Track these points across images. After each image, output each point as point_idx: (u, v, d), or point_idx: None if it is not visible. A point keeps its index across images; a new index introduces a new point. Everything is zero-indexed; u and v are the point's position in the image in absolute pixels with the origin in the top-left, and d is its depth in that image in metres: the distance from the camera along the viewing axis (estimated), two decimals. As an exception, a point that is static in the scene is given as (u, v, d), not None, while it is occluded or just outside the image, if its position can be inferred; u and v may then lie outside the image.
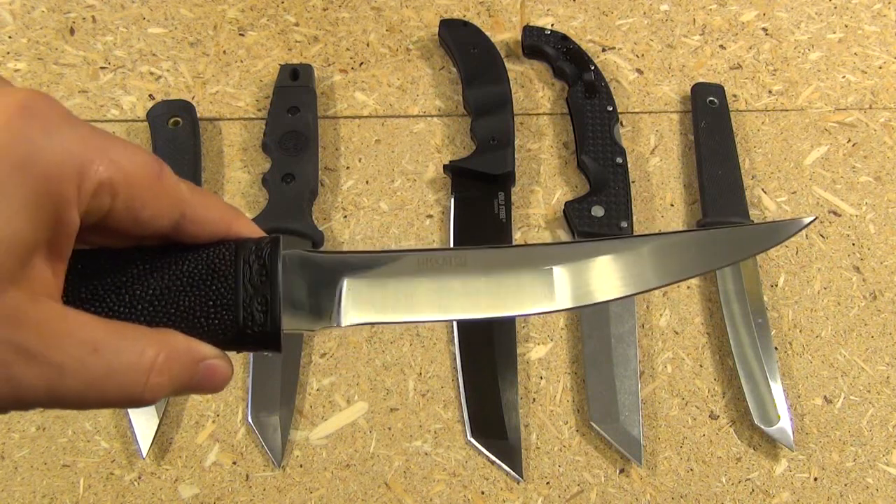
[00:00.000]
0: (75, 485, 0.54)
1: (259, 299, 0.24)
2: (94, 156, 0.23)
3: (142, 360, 0.23)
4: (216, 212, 0.26)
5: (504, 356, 0.58)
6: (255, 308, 0.24)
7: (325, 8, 0.76)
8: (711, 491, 0.55)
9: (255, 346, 0.25)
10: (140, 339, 0.23)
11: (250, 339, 0.25)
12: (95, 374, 0.22)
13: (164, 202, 0.24)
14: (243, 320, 0.24)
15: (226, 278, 0.24)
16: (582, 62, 0.71)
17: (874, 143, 0.70)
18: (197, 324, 0.24)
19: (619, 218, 0.63)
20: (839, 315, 0.62)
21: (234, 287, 0.24)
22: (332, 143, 0.68)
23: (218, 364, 0.25)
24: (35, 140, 0.22)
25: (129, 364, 0.22)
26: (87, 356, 0.21)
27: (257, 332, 0.24)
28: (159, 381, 0.23)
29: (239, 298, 0.24)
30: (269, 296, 0.24)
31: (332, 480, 0.55)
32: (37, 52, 0.72)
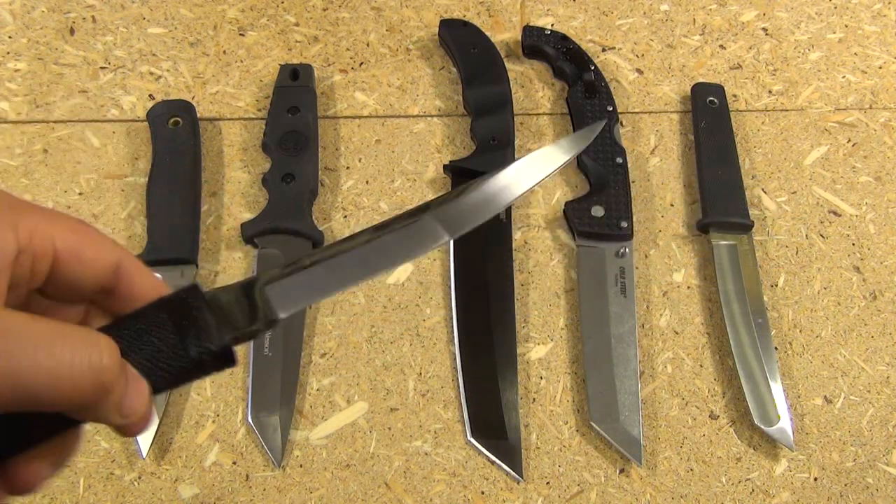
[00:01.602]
0: (75, 485, 0.54)
1: (201, 331, 0.28)
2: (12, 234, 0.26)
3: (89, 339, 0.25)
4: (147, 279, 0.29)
5: (504, 356, 0.58)
6: (201, 338, 0.28)
7: (325, 8, 0.76)
8: (711, 491, 0.55)
9: (214, 367, 0.29)
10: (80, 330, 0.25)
11: (208, 364, 0.28)
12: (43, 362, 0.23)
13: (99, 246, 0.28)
14: (196, 354, 0.28)
15: (164, 327, 0.28)
16: (582, 62, 0.71)
17: (874, 143, 0.70)
18: (157, 370, 0.27)
19: (619, 218, 0.63)
20: (839, 315, 0.62)
21: (175, 330, 0.28)
22: (332, 143, 0.68)
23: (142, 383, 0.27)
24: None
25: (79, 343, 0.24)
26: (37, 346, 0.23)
27: (211, 355, 0.28)
28: (109, 361, 0.25)
29: (184, 336, 0.28)
30: (209, 323, 0.28)
31: (332, 480, 0.55)
32: (37, 52, 0.72)
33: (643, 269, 0.63)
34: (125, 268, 0.29)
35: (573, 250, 0.64)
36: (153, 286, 0.30)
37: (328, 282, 0.31)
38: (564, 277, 0.63)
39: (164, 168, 0.63)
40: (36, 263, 0.27)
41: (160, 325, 0.28)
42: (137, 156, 0.67)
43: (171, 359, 0.28)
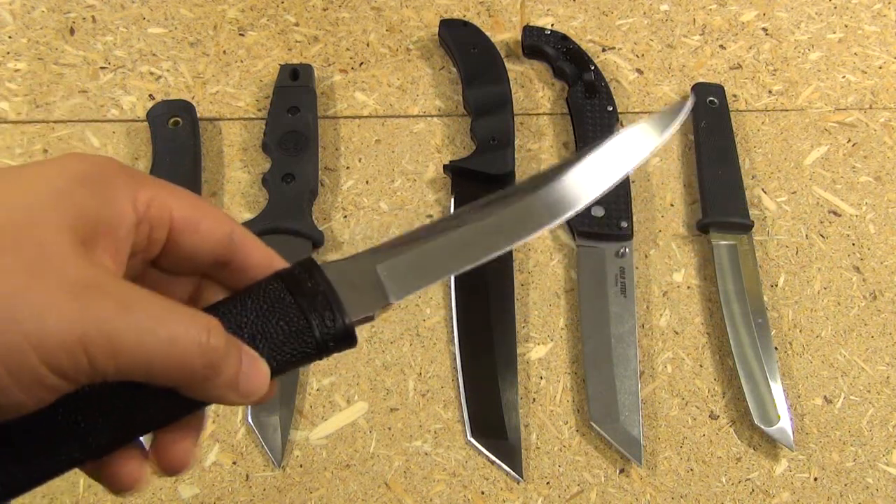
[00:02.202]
0: (75, 485, 0.54)
1: (323, 312, 0.28)
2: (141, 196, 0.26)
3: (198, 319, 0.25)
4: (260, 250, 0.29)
5: (504, 356, 0.58)
6: (325, 319, 0.28)
7: (325, 8, 0.76)
8: (711, 491, 0.55)
9: (335, 349, 0.28)
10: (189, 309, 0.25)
11: (330, 346, 0.28)
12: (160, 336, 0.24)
13: (214, 217, 0.28)
14: (319, 335, 0.28)
15: (287, 307, 0.28)
16: (582, 62, 0.71)
17: (874, 143, 0.70)
18: (284, 353, 0.27)
19: (619, 218, 0.63)
20: (839, 315, 0.62)
21: (298, 311, 0.27)
22: (332, 143, 0.68)
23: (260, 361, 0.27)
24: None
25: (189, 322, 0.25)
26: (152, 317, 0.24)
27: (334, 337, 0.28)
28: (216, 342, 0.25)
29: (309, 318, 0.27)
30: (331, 304, 0.28)
31: (332, 480, 0.55)
32: (37, 52, 0.72)
33: (643, 269, 0.63)
34: (239, 239, 0.29)
35: (573, 250, 0.64)
36: (267, 257, 0.29)
37: (440, 264, 0.31)
38: (564, 277, 0.63)
39: (164, 168, 0.63)
40: (153, 233, 0.27)
41: (285, 305, 0.28)
42: (137, 156, 0.67)
43: (297, 342, 0.27)
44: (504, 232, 0.32)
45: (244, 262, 0.29)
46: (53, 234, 0.23)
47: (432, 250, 0.31)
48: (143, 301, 0.24)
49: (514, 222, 0.32)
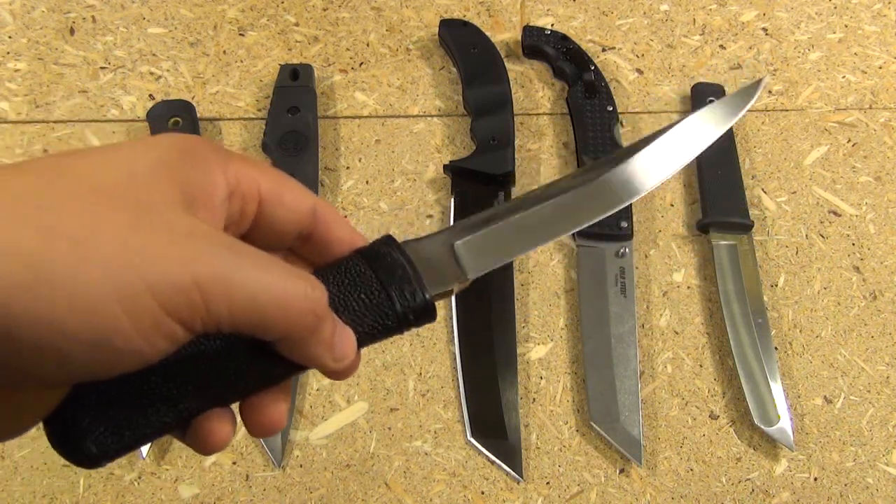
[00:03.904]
0: (75, 485, 0.54)
1: (403, 286, 0.28)
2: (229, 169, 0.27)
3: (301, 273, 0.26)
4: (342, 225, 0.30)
5: (504, 356, 0.58)
6: (405, 294, 0.28)
7: (325, 8, 0.76)
8: (711, 491, 0.55)
9: (415, 323, 0.29)
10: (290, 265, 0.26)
11: (410, 320, 0.29)
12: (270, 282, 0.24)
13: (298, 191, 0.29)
14: (400, 308, 0.28)
15: (368, 281, 0.28)
16: (582, 62, 0.71)
17: (874, 143, 0.70)
18: (365, 325, 0.28)
19: (618, 218, 0.63)
20: (839, 315, 0.62)
21: (379, 285, 0.28)
22: (332, 143, 0.68)
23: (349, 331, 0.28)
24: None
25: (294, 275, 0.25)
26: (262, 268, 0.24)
27: (414, 311, 0.29)
28: (320, 295, 0.26)
29: (390, 292, 0.28)
30: (410, 278, 0.29)
31: (332, 480, 0.55)
32: (37, 52, 0.72)
33: (643, 269, 0.63)
34: (321, 213, 0.29)
35: (573, 250, 0.64)
36: (349, 232, 0.30)
37: (515, 242, 0.32)
38: (564, 277, 0.63)
39: (164, 168, 0.63)
40: (244, 206, 0.28)
41: (366, 280, 0.28)
42: (137, 156, 0.66)
43: (379, 315, 0.28)
44: (578, 211, 0.32)
45: (326, 236, 0.30)
46: (158, 194, 0.24)
47: (508, 228, 0.32)
48: (250, 250, 0.25)
49: (588, 201, 0.33)
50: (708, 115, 0.35)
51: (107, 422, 0.25)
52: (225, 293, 0.23)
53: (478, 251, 0.31)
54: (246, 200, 0.28)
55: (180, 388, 0.26)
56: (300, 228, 0.29)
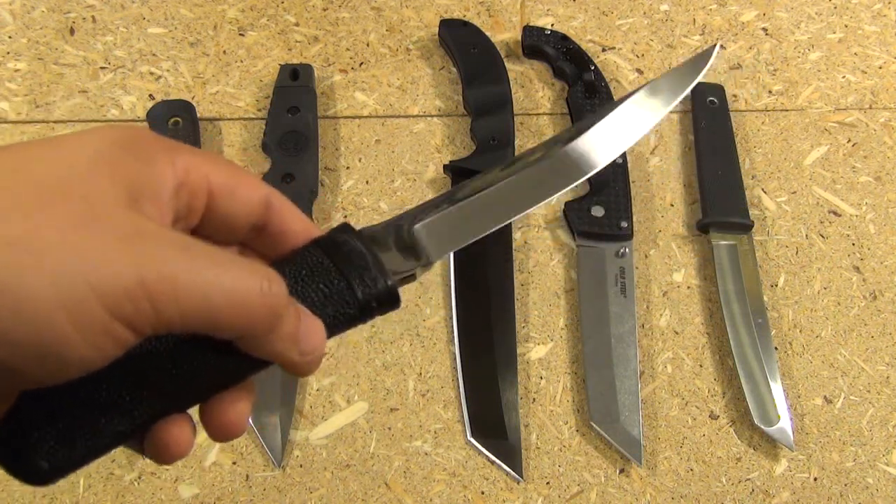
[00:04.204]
0: (75, 485, 0.54)
1: (363, 273, 0.28)
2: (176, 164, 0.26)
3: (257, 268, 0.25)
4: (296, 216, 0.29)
5: (504, 356, 0.58)
6: (366, 281, 0.28)
7: (325, 8, 0.76)
8: (711, 491, 0.55)
9: (378, 311, 0.28)
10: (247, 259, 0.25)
11: (373, 307, 0.28)
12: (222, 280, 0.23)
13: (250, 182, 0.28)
14: (362, 295, 0.27)
15: (327, 271, 0.27)
16: (582, 62, 0.71)
17: (874, 143, 0.70)
18: (326, 316, 0.27)
19: (618, 218, 0.63)
20: (839, 315, 0.62)
21: (338, 274, 0.27)
22: (332, 143, 0.68)
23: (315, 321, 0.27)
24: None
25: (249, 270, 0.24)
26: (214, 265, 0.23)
27: (376, 298, 0.28)
28: (278, 289, 0.25)
29: (350, 280, 0.27)
30: (370, 265, 0.28)
31: (332, 480, 0.55)
32: (37, 52, 0.72)
33: (643, 269, 0.63)
34: (275, 204, 0.29)
35: (573, 250, 0.64)
36: (303, 222, 0.29)
37: (475, 222, 0.31)
38: (564, 277, 0.63)
39: (164, 168, 0.63)
40: (193, 200, 0.27)
41: (324, 269, 0.28)
42: (137, 156, 0.66)
43: (339, 304, 0.27)
44: (536, 188, 0.32)
45: (281, 227, 0.29)
46: (100, 190, 0.23)
47: (467, 209, 0.31)
48: (201, 247, 0.24)
49: (545, 178, 0.32)
50: (662, 84, 0.35)
51: (57, 435, 0.24)
52: (173, 294, 0.22)
53: (438, 233, 0.30)
54: (195, 194, 0.27)
55: (132, 393, 0.25)
56: (253, 220, 0.29)
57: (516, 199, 0.32)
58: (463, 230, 0.31)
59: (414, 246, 0.30)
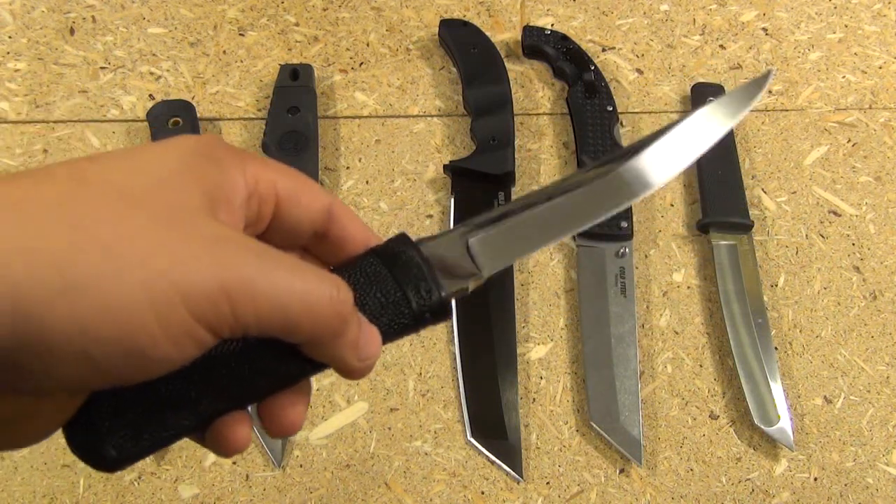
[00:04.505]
0: (75, 485, 0.54)
1: (419, 284, 0.28)
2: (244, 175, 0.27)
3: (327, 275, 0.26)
4: (357, 225, 0.30)
5: (504, 356, 0.58)
6: (421, 292, 0.28)
7: (325, 8, 0.76)
8: (711, 491, 0.55)
9: (431, 321, 0.29)
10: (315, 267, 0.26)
11: (426, 318, 0.29)
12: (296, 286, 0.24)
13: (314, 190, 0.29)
14: (416, 306, 0.28)
15: (384, 280, 0.28)
16: (582, 62, 0.71)
17: (874, 143, 0.70)
18: (381, 324, 0.28)
19: (618, 218, 0.63)
20: (839, 315, 0.62)
21: (395, 284, 0.28)
22: (332, 143, 0.68)
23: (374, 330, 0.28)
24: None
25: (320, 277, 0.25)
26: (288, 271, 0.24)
27: (430, 309, 0.29)
28: (346, 296, 0.26)
29: (406, 290, 0.28)
30: (426, 277, 0.29)
31: (332, 480, 0.55)
32: (37, 52, 0.72)
33: (643, 269, 0.63)
34: (336, 212, 0.29)
35: (573, 250, 0.64)
36: (363, 230, 0.30)
37: (529, 238, 0.31)
38: (564, 277, 0.63)
39: (164, 168, 0.63)
40: (262, 207, 0.28)
41: (382, 278, 0.28)
42: (137, 156, 0.66)
43: (395, 314, 0.28)
44: (591, 205, 0.32)
45: (341, 235, 0.30)
46: (182, 197, 0.24)
47: (522, 224, 0.31)
48: (276, 254, 0.25)
49: (601, 196, 0.32)
50: (717, 108, 0.35)
51: (126, 426, 0.25)
52: (252, 300, 0.23)
53: (492, 248, 0.31)
54: (264, 201, 0.28)
55: (199, 391, 0.26)
56: (316, 227, 0.29)
57: (572, 216, 0.32)
58: (517, 245, 0.31)
59: (468, 259, 0.30)
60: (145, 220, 0.22)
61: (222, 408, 0.27)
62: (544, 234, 0.32)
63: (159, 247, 0.22)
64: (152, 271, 0.21)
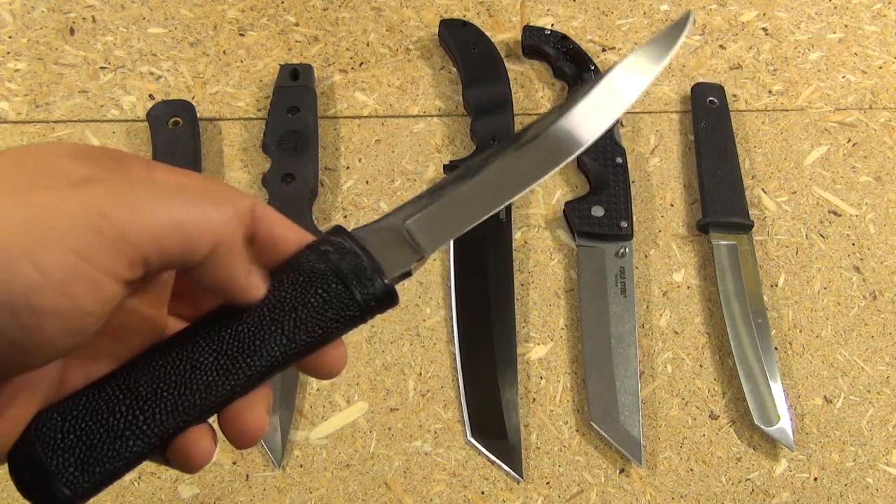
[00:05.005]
0: (75, 485, 0.54)
1: (360, 275, 0.28)
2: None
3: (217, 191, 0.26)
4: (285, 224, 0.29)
5: (504, 356, 0.58)
6: (363, 282, 0.28)
7: (325, 8, 0.76)
8: (711, 491, 0.55)
9: (378, 309, 0.29)
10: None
11: (372, 307, 0.28)
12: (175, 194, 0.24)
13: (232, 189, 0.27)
14: (360, 297, 0.28)
15: (324, 276, 0.28)
16: (582, 62, 0.71)
17: (874, 143, 0.70)
18: (327, 320, 0.28)
19: (618, 218, 0.63)
20: (839, 315, 0.62)
21: (335, 278, 0.28)
22: (332, 143, 0.68)
23: None
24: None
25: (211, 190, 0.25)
26: (167, 188, 0.24)
27: (375, 298, 0.28)
28: (237, 207, 0.26)
29: (347, 283, 0.28)
30: (366, 266, 0.28)
31: (332, 480, 0.55)
32: (37, 52, 0.72)
33: (643, 269, 0.63)
34: (259, 213, 0.28)
35: (573, 250, 0.64)
36: (293, 230, 0.29)
37: (467, 211, 0.31)
38: (564, 277, 0.63)
39: (164, 168, 0.63)
40: None
41: (321, 274, 0.28)
42: (137, 156, 0.66)
43: (340, 308, 0.28)
44: (523, 173, 0.32)
45: (269, 236, 0.29)
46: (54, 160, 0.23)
47: (456, 199, 0.31)
48: (158, 181, 0.25)
49: (531, 162, 0.32)
50: (638, 58, 0.34)
51: (76, 461, 0.24)
52: (137, 216, 0.22)
53: (430, 226, 0.30)
54: None
55: (146, 413, 0.25)
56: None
57: (506, 185, 0.32)
58: (455, 220, 0.31)
59: (408, 242, 0.30)
60: (14, 176, 0.22)
61: (175, 426, 0.26)
62: (482, 205, 0.31)
63: (27, 193, 0.21)
64: (21, 214, 0.21)
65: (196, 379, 0.26)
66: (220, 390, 0.26)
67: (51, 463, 0.24)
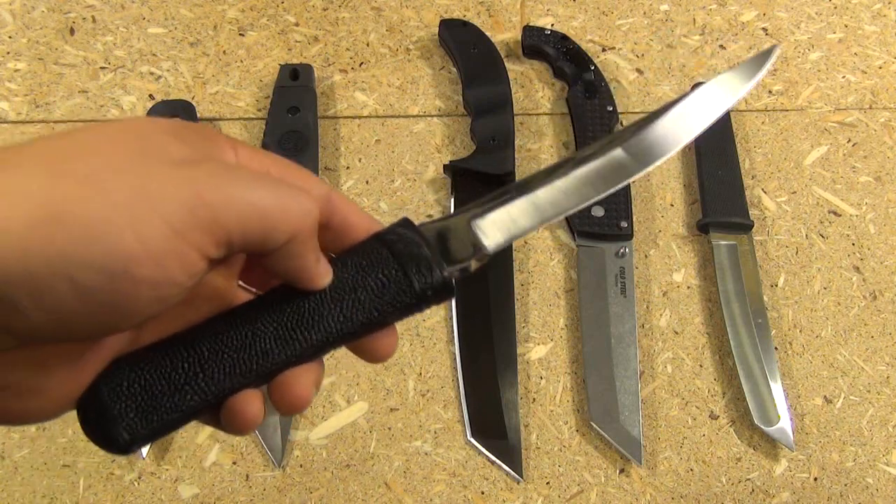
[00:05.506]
0: (75, 485, 0.54)
1: (420, 263, 0.29)
2: None
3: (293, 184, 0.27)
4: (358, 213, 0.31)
5: (504, 356, 0.58)
6: (422, 271, 0.29)
7: (325, 8, 0.76)
8: (711, 491, 0.55)
9: (434, 300, 0.30)
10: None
11: (429, 296, 0.29)
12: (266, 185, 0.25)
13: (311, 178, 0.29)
14: (418, 285, 0.29)
15: (386, 261, 0.29)
16: (582, 62, 0.71)
17: (874, 143, 0.70)
18: (384, 304, 0.29)
19: (618, 218, 0.63)
20: (839, 315, 0.62)
21: (396, 264, 0.29)
22: (332, 143, 0.68)
23: None
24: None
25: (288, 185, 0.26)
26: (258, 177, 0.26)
27: (432, 287, 0.29)
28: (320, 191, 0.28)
29: (407, 270, 0.29)
30: (427, 256, 0.29)
31: (332, 480, 0.55)
32: (37, 52, 0.72)
33: (643, 269, 0.63)
34: (336, 201, 0.30)
35: (573, 250, 0.64)
36: (365, 219, 0.31)
37: (529, 216, 0.32)
38: (564, 277, 0.63)
39: (164, 168, 0.63)
40: None
41: (383, 260, 0.29)
42: (137, 156, 0.66)
43: (397, 293, 0.29)
44: (592, 183, 0.33)
45: (343, 224, 0.30)
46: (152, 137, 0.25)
47: (523, 203, 0.33)
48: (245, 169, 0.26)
49: (603, 174, 0.34)
50: (722, 82, 0.36)
51: (138, 408, 0.26)
52: (229, 202, 0.24)
53: (495, 225, 0.32)
54: None
55: (206, 372, 0.27)
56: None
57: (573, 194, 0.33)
58: (518, 222, 0.32)
59: (471, 239, 0.31)
60: (116, 155, 0.23)
61: (231, 388, 0.27)
62: (548, 209, 0.33)
63: (132, 171, 0.23)
64: (127, 193, 0.22)
65: (255, 346, 0.27)
66: (275, 358, 0.28)
67: (114, 408, 0.26)
